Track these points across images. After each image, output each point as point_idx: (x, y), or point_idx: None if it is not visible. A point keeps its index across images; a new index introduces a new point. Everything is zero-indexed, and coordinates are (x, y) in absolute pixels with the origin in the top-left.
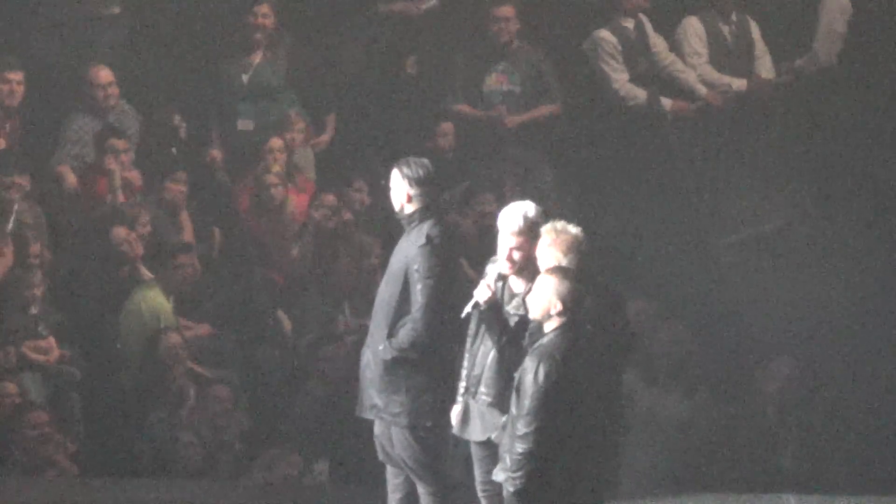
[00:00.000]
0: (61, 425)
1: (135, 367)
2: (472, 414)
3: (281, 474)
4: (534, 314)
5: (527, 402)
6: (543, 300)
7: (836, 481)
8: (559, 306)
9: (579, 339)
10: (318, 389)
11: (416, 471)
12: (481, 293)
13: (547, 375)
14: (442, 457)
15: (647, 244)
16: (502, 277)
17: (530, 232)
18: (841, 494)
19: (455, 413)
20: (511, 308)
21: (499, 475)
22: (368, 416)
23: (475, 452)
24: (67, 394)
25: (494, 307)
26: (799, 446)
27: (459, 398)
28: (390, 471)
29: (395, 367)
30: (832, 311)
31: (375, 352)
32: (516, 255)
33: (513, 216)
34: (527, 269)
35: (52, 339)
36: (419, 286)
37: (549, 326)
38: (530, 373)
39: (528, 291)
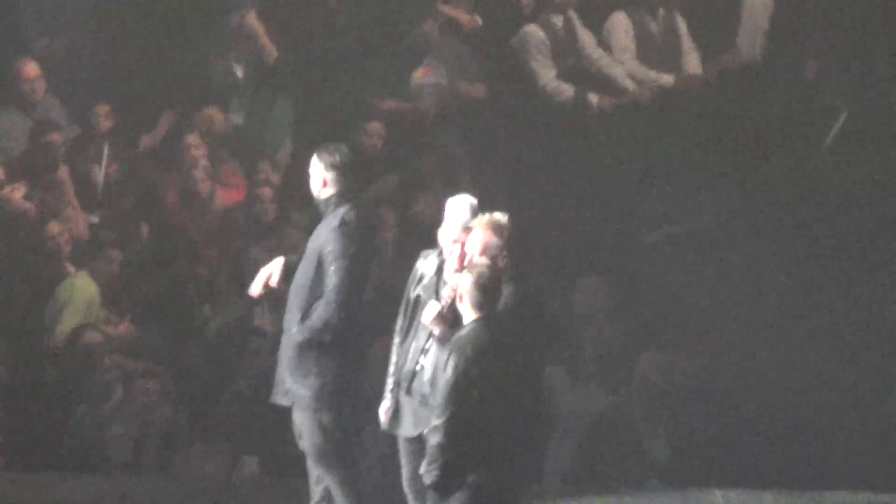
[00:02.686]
0: None
1: (59, 360)
2: (404, 409)
3: (210, 469)
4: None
5: (438, 394)
6: (463, 294)
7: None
8: (477, 301)
9: (495, 333)
10: (244, 384)
11: (321, 458)
12: (432, 313)
13: (455, 367)
14: (346, 445)
15: (572, 240)
16: (438, 270)
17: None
18: (770, 490)
19: (384, 409)
20: (443, 296)
21: (422, 469)
22: (282, 401)
23: (404, 448)
24: None
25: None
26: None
27: (388, 394)
28: (310, 462)
29: (306, 350)
30: (755, 307)
31: (289, 335)
32: (463, 249)
33: (463, 209)
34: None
35: None
36: (332, 267)
37: (467, 319)
38: (441, 366)
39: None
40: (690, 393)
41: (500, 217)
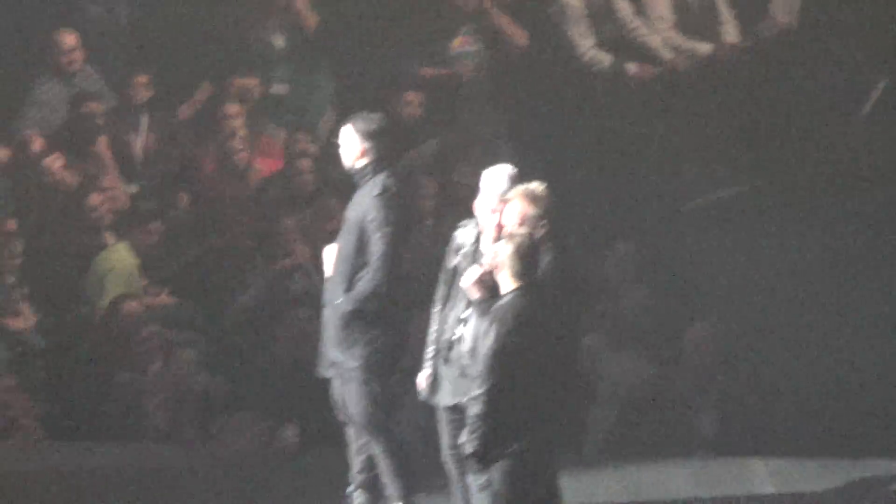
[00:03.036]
0: (27, 389)
1: (99, 330)
2: (443, 379)
3: (249, 437)
4: (496, 277)
5: (479, 363)
6: (503, 264)
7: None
8: (517, 270)
9: (535, 301)
10: (284, 352)
11: (368, 427)
12: (473, 277)
13: (497, 336)
14: (392, 414)
15: (610, 210)
16: (476, 239)
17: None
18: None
19: (423, 378)
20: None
21: (462, 438)
22: (328, 374)
23: (444, 418)
24: (32, 359)
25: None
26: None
27: (427, 363)
28: (352, 432)
29: (353, 320)
30: (793, 276)
31: (334, 307)
32: (500, 219)
33: (500, 179)
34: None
35: (25, 306)
36: (377, 236)
37: (506, 288)
38: (482, 335)
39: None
40: (735, 363)
41: (538, 187)
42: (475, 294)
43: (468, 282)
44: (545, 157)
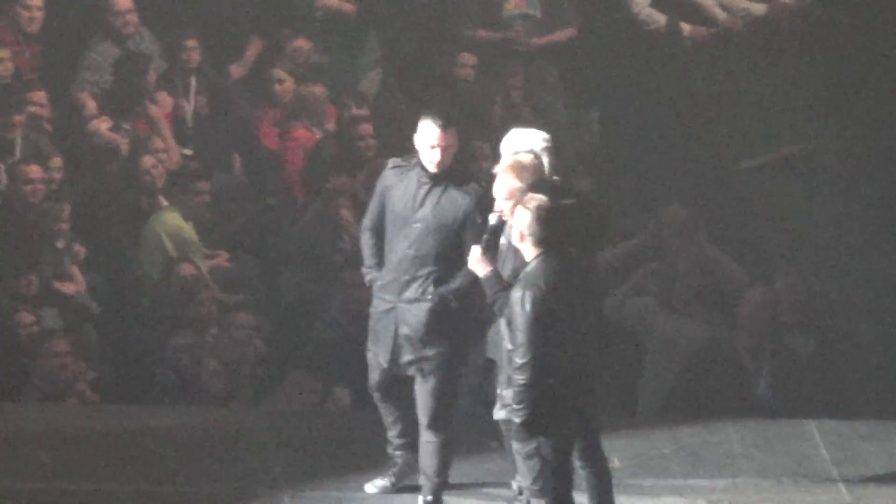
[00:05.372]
0: (81, 353)
1: (154, 294)
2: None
3: (302, 400)
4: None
5: (519, 333)
6: (523, 232)
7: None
8: (539, 236)
9: (562, 264)
10: (338, 315)
11: (435, 420)
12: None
13: (534, 302)
14: (454, 409)
15: (666, 170)
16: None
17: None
18: (865, 420)
19: None
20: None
21: (498, 413)
22: (409, 372)
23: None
24: (85, 323)
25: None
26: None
27: None
28: (387, 407)
29: (439, 316)
30: (848, 236)
31: (414, 304)
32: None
33: (508, 145)
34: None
35: (75, 270)
36: (472, 237)
37: (530, 256)
38: (517, 303)
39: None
40: (791, 325)
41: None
42: (481, 272)
43: (473, 262)
44: (600, 117)
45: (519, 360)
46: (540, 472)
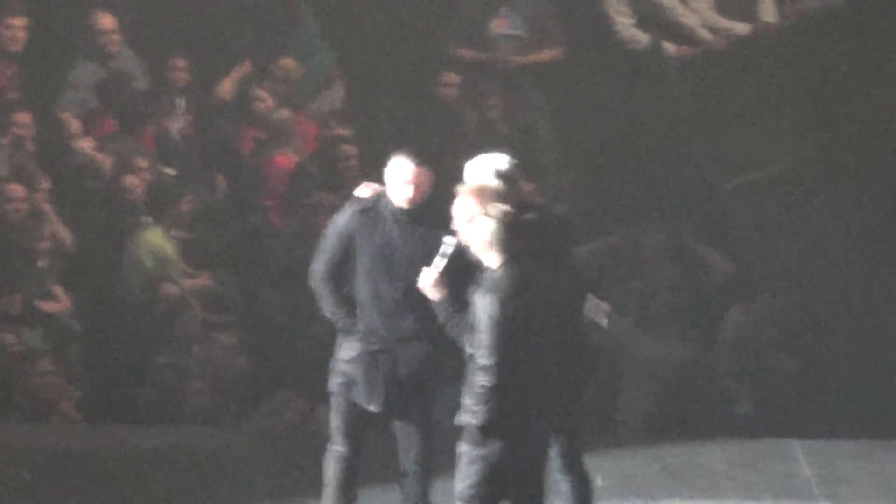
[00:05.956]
0: (65, 372)
1: (138, 313)
2: None
3: (286, 419)
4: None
5: (483, 335)
6: (486, 241)
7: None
8: (502, 243)
9: (526, 272)
10: (321, 332)
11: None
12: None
13: (495, 304)
14: None
15: (649, 189)
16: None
17: None
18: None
19: None
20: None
21: (460, 418)
22: (404, 413)
23: None
24: (68, 342)
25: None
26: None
27: None
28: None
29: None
30: (832, 254)
31: (410, 340)
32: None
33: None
34: None
35: (58, 288)
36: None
37: (494, 264)
38: (482, 307)
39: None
40: (774, 344)
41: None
42: (436, 295)
43: (426, 283)
44: (585, 136)
45: (482, 362)
46: (480, 480)
